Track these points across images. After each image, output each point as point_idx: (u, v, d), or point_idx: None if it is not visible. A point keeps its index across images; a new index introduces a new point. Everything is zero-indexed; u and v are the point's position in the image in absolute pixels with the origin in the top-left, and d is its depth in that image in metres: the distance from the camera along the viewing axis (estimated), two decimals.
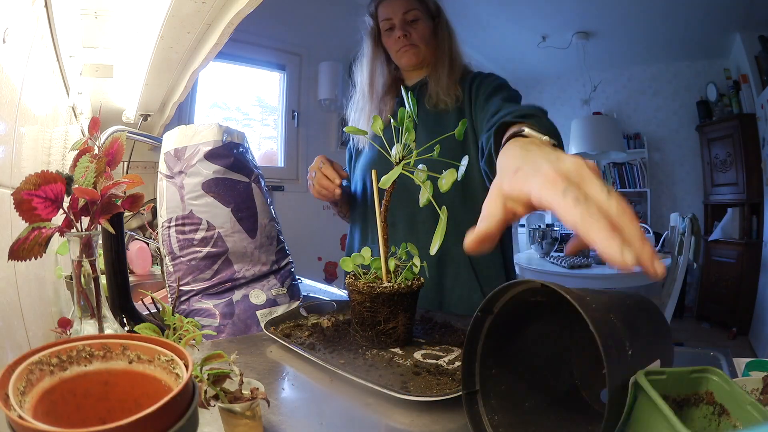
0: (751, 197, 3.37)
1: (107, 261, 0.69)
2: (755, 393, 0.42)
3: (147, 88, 1.29)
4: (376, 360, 0.63)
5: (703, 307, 3.80)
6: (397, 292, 0.67)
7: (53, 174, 0.38)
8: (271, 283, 0.87)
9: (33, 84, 0.68)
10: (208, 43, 0.91)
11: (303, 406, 0.54)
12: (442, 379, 0.56)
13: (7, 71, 0.54)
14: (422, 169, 0.66)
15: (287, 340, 0.70)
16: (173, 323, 0.53)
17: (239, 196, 0.84)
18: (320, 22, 3.17)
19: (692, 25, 3.30)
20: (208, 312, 0.80)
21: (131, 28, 1.03)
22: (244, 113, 3.15)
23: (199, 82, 2.64)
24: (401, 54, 1.08)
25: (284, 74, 3.12)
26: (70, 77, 1.01)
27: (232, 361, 0.43)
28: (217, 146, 0.83)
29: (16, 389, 0.27)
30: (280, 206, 3.08)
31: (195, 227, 0.81)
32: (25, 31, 0.63)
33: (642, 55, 4.01)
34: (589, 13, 3.29)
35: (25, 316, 0.59)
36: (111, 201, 0.44)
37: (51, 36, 0.80)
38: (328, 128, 3.30)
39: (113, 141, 0.47)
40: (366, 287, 0.67)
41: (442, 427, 0.47)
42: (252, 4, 0.74)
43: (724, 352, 0.63)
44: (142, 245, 1.41)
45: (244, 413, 0.41)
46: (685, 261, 2.52)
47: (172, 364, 0.31)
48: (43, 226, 0.38)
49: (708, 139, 3.83)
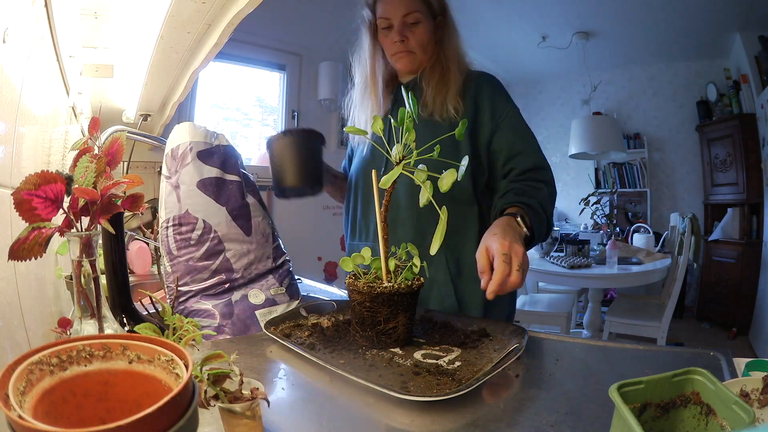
0: (751, 197, 3.37)
1: (107, 261, 0.69)
2: (755, 393, 0.42)
3: (147, 88, 1.29)
4: (376, 360, 0.63)
5: (703, 307, 3.80)
6: (397, 292, 0.67)
7: (53, 174, 0.38)
8: (269, 283, 0.87)
9: (33, 84, 0.68)
10: (208, 43, 0.91)
11: (303, 406, 0.54)
12: (442, 379, 0.56)
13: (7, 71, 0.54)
14: (422, 169, 0.66)
15: (287, 340, 0.70)
16: (173, 323, 0.53)
17: (232, 195, 0.85)
18: (320, 22, 3.17)
19: (692, 25, 3.30)
20: (207, 312, 0.80)
21: (131, 28, 1.03)
22: (243, 113, 3.14)
23: (199, 82, 2.64)
24: (396, 59, 1.03)
25: (284, 74, 3.11)
26: (70, 77, 1.01)
27: (232, 361, 0.43)
28: (207, 147, 0.85)
29: (16, 389, 0.27)
30: (280, 206, 3.09)
31: (191, 227, 0.81)
32: (25, 31, 0.63)
33: (642, 55, 4.02)
34: (589, 13, 3.29)
35: (25, 316, 0.59)
36: (111, 201, 0.44)
37: (51, 36, 0.79)
38: (328, 128, 3.30)
39: (113, 141, 0.47)
40: (366, 287, 0.67)
41: (442, 427, 0.47)
42: (252, 4, 0.74)
43: (724, 352, 0.63)
44: (142, 245, 1.41)
45: (244, 413, 0.41)
46: (685, 261, 2.52)
47: (172, 364, 0.31)
48: (43, 226, 0.38)
49: (708, 139, 3.83)
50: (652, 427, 0.39)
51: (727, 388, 0.36)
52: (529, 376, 0.59)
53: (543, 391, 0.54)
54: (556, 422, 0.47)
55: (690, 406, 0.39)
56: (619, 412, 0.35)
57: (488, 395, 0.55)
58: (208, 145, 0.85)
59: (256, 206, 0.90)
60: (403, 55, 1.01)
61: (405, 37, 0.99)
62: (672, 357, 0.71)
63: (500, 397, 0.54)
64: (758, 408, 0.41)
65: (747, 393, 0.42)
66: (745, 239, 3.39)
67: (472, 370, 0.58)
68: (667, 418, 0.39)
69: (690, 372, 0.39)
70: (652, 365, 0.65)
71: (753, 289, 3.24)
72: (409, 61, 1.02)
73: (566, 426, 0.46)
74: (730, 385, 0.42)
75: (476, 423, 0.48)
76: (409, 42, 1.00)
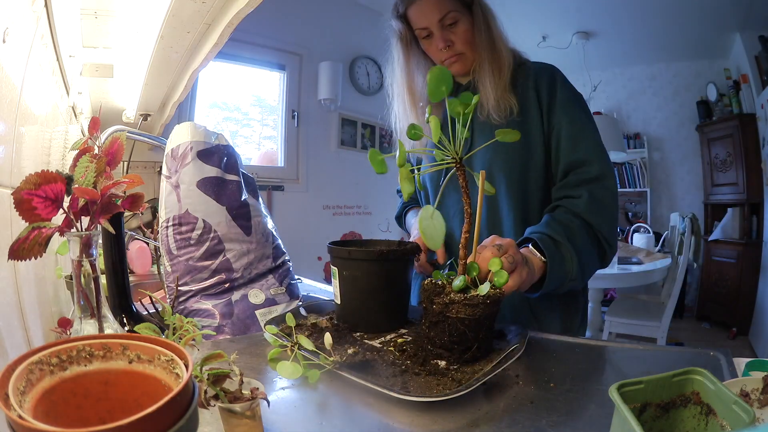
0: (751, 197, 3.37)
1: (107, 261, 0.69)
2: (755, 393, 0.42)
3: (147, 88, 1.29)
4: (376, 360, 0.63)
5: (703, 307, 3.80)
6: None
7: (53, 174, 0.38)
8: (269, 283, 0.87)
9: (33, 84, 0.68)
10: (208, 42, 0.91)
11: (303, 406, 0.54)
12: (442, 379, 0.56)
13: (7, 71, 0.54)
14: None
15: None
16: (173, 323, 0.53)
17: (232, 195, 0.85)
18: (320, 22, 3.17)
19: (692, 25, 3.30)
20: (207, 312, 0.80)
21: (131, 28, 1.03)
22: (243, 113, 3.14)
23: (199, 81, 2.64)
24: (448, 65, 0.96)
25: (284, 74, 3.11)
26: (70, 77, 1.01)
27: (232, 361, 0.43)
28: (207, 146, 0.85)
29: (16, 389, 0.27)
30: (280, 206, 3.09)
31: (191, 226, 0.81)
32: (25, 31, 0.63)
33: (642, 55, 4.01)
34: (589, 13, 3.29)
35: (25, 316, 0.59)
36: (111, 201, 0.44)
37: (51, 36, 0.80)
38: (328, 128, 3.30)
39: (113, 141, 0.47)
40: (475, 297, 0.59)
41: (442, 427, 0.47)
42: (252, 4, 0.74)
43: (724, 352, 0.62)
44: (142, 245, 1.41)
45: (244, 413, 0.41)
46: (685, 261, 2.52)
47: (172, 364, 0.31)
48: (43, 225, 0.38)
49: (708, 139, 3.83)
50: (652, 427, 0.39)
51: (727, 388, 0.36)
52: (529, 376, 0.59)
53: (543, 391, 0.54)
54: (556, 422, 0.47)
55: (690, 406, 0.39)
56: (619, 412, 0.35)
57: (488, 395, 0.55)
58: (209, 145, 0.85)
59: (256, 206, 0.90)
60: (453, 60, 0.95)
61: (450, 42, 0.93)
62: (672, 357, 0.71)
63: (500, 397, 0.54)
64: (758, 408, 0.41)
65: (747, 393, 0.42)
66: (745, 239, 3.39)
67: (471, 371, 0.58)
68: (667, 418, 0.39)
69: (690, 372, 0.39)
70: (652, 365, 0.65)
71: (753, 289, 3.24)
72: (461, 64, 0.96)
73: (566, 426, 0.46)
74: (730, 385, 0.42)
75: (476, 423, 0.48)
76: (455, 45, 0.94)
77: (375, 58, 3.44)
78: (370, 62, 3.46)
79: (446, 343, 0.60)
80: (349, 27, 3.33)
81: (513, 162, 0.92)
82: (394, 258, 0.74)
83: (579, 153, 0.89)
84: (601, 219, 0.84)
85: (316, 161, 3.22)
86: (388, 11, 1.01)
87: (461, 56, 0.95)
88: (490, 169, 0.93)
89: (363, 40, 3.36)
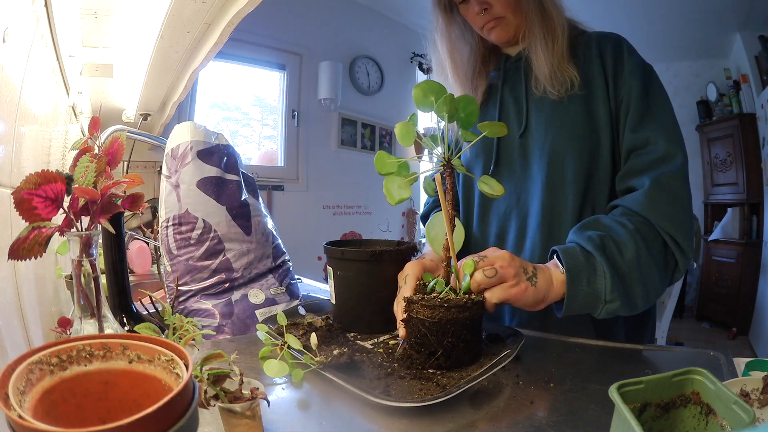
0: (751, 197, 3.37)
1: (107, 261, 0.69)
2: (755, 393, 0.42)
3: (147, 88, 1.29)
4: (363, 361, 0.62)
5: (703, 307, 3.80)
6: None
7: (53, 173, 0.38)
8: (269, 282, 0.87)
9: (33, 83, 0.68)
10: (208, 42, 0.91)
11: (303, 406, 0.54)
12: (426, 384, 0.55)
13: (7, 71, 0.54)
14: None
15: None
16: (173, 323, 0.53)
17: (232, 195, 0.85)
18: (320, 22, 3.17)
19: (692, 25, 3.30)
20: (207, 312, 0.80)
21: (131, 28, 1.03)
22: (243, 113, 3.14)
23: (199, 81, 2.64)
24: (486, 31, 0.85)
25: (284, 74, 3.12)
26: (70, 77, 1.01)
27: (232, 360, 0.43)
28: (207, 146, 0.85)
29: (16, 389, 0.27)
30: (280, 206, 3.09)
31: (191, 226, 0.81)
32: (25, 31, 0.63)
33: (642, 54, 3.99)
34: (589, 13, 3.28)
35: (25, 316, 0.59)
36: (111, 201, 0.44)
37: (51, 36, 0.80)
38: (328, 128, 3.30)
39: (113, 140, 0.47)
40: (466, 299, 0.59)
41: (442, 428, 0.47)
42: (252, 4, 0.74)
43: (724, 352, 0.62)
44: (142, 245, 1.41)
45: (244, 413, 0.41)
46: None
47: (172, 363, 0.31)
48: (43, 225, 0.38)
49: (708, 138, 3.83)
50: (652, 427, 0.39)
51: (727, 388, 0.36)
52: (529, 376, 0.59)
53: (543, 391, 0.54)
54: (556, 422, 0.47)
55: (690, 406, 0.39)
56: (619, 412, 0.35)
57: (488, 395, 0.55)
58: (208, 145, 0.85)
59: (256, 206, 0.90)
60: (492, 25, 0.84)
61: (487, 4, 0.81)
62: (672, 357, 0.71)
63: (500, 397, 0.54)
64: (758, 408, 0.41)
65: (747, 393, 0.42)
66: (745, 239, 3.39)
67: (458, 375, 0.57)
68: (667, 418, 0.39)
69: (690, 372, 0.39)
70: (652, 365, 0.65)
71: (753, 289, 3.24)
72: (501, 29, 0.84)
73: (566, 426, 0.46)
74: (730, 385, 0.42)
75: (476, 423, 0.48)
76: (493, 8, 0.82)
77: (375, 58, 3.44)
78: (370, 62, 3.45)
79: (413, 344, 0.60)
80: (349, 27, 3.33)
81: (579, 145, 0.80)
82: (387, 258, 0.73)
83: (645, 130, 0.75)
84: (665, 215, 0.69)
85: (316, 161, 3.22)
86: (389, 11, 0.99)
87: (501, 20, 0.83)
88: (552, 151, 0.81)
89: (363, 40, 3.36)
